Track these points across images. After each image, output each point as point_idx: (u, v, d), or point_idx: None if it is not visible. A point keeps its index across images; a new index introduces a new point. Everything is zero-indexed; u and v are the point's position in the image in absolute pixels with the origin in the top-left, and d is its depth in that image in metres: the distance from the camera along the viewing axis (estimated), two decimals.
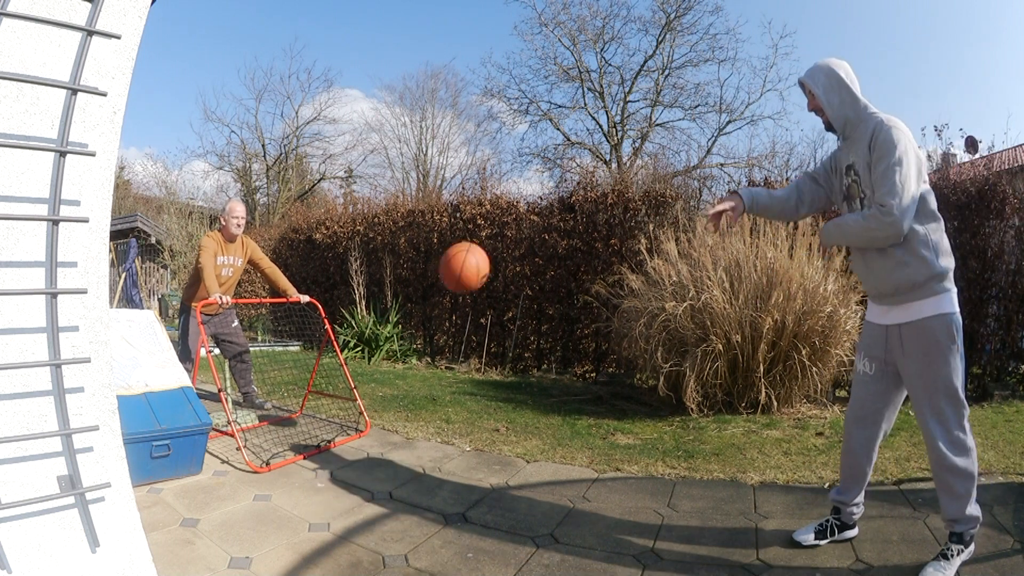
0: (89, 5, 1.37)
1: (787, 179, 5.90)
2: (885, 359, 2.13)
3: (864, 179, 2.02)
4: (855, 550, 2.25)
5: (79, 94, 1.37)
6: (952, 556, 2.01)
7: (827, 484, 2.94)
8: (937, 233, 1.99)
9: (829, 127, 2.15)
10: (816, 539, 2.28)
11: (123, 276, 10.74)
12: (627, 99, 20.42)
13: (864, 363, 2.21)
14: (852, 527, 2.32)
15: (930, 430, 2.01)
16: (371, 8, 35.14)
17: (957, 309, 2.00)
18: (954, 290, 2.01)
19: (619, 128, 20.44)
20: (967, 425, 2.00)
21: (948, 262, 1.99)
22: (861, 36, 28.69)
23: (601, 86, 20.38)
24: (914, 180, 1.90)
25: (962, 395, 2.00)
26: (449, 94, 29.81)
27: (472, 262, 3.27)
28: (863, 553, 2.23)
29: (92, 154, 1.40)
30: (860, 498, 2.29)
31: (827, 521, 2.31)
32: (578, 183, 7.04)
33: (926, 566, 2.02)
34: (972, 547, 2.05)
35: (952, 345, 1.96)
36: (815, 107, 2.15)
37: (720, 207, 2.25)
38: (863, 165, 2.01)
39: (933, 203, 2.00)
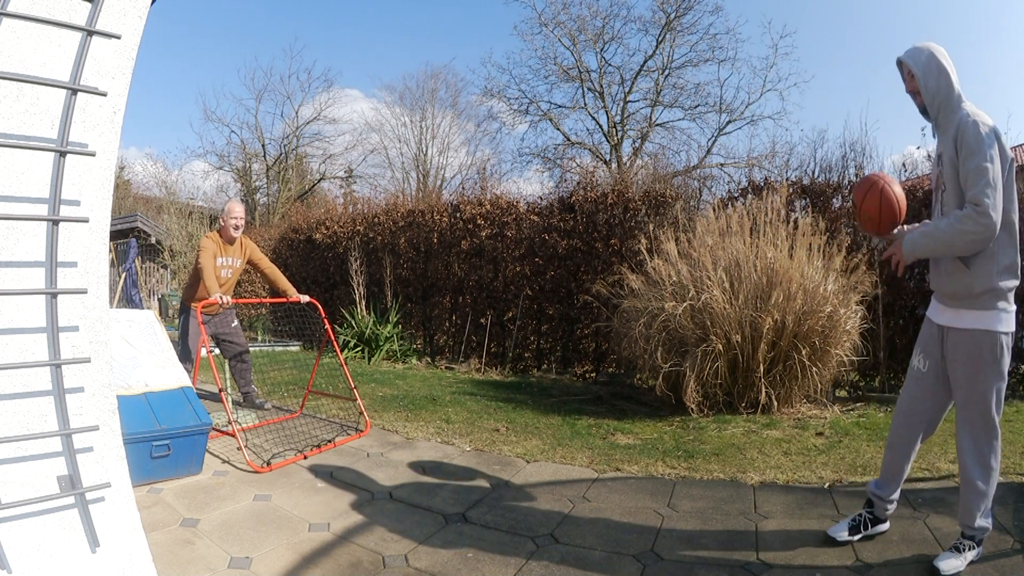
0: (89, 5, 1.37)
1: (787, 179, 5.89)
2: (939, 358, 2.12)
3: (947, 174, 1.99)
4: (855, 550, 2.25)
5: (79, 94, 1.37)
6: (964, 551, 2.07)
7: (827, 484, 2.94)
8: (1008, 246, 1.95)
9: (924, 111, 2.08)
10: (850, 535, 2.28)
11: (123, 276, 10.74)
12: (627, 99, 20.44)
13: (919, 359, 2.20)
14: (884, 521, 2.34)
15: (961, 439, 2.05)
16: (371, 8, 35.14)
17: (1011, 330, 1.96)
18: (1012, 309, 1.97)
19: (619, 128, 20.45)
20: (997, 446, 2.02)
21: (1009, 280, 1.95)
22: (861, 36, 28.70)
23: (601, 86, 20.40)
24: (1002, 178, 1.88)
25: (995, 416, 1.99)
26: (449, 94, 29.81)
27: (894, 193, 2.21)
28: (863, 553, 2.23)
29: (92, 154, 1.40)
30: (896, 495, 2.30)
31: (860, 515, 2.32)
32: (578, 183, 7.05)
33: (940, 556, 2.08)
34: (982, 548, 2.11)
35: (994, 364, 1.95)
36: (912, 89, 2.08)
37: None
38: (948, 160, 1.98)
39: (1015, 212, 1.95)
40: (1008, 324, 1.97)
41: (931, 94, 2.00)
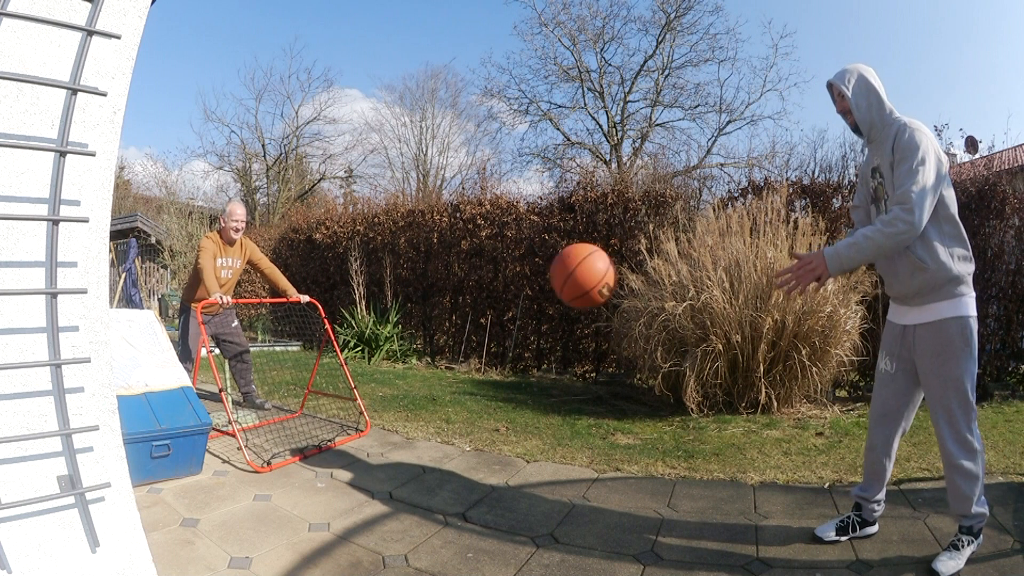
0: (89, 5, 1.37)
1: (787, 179, 5.89)
2: (905, 358, 2.18)
3: (888, 180, 2.07)
4: (855, 549, 2.25)
5: (79, 94, 1.37)
6: (962, 546, 2.08)
7: (827, 484, 2.94)
8: (956, 238, 2.03)
9: (856, 130, 2.17)
10: (837, 535, 2.31)
11: (123, 276, 10.73)
12: (627, 99, 20.43)
13: (886, 362, 2.26)
14: (873, 524, 2.36)
15: (940, 429, 2.08)
16: (371, 8, 35.16)
17: (974, 313, 2.04)
18: (972, 295, 2.06)
19: (619, 128, 20.44)
20: (975, 427, 2.05)
21: (966, 267, 2.04)
22: (861, 36, 28.71)
23: (601, 86, 20.39)
24: (933, 179, 1.94)
25: (972, 398, 2.04)
26: (449, 94, 29.85)
27: (598, 265, 2.57)
28: (863, 553, 2.23)
29: (92, 154, 1.40)
30: (881, 495, 2.33)
31: (848, 518, 2.35)
32: (578, 183, 7.04)
33: (938, 555, 2.09)
34: (981, 538, 2.12)
35: (965, 348, 2.01)
36: (843, 109, 2.18)
37: (810, 284, 2.08)
38: (887, 167, 2.06)
39: (953, 207, 2.03)
40: (972, 308, 2.04)
41: (863, 112, 2.11)
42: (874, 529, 2.36)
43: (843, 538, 2.31)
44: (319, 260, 9.06)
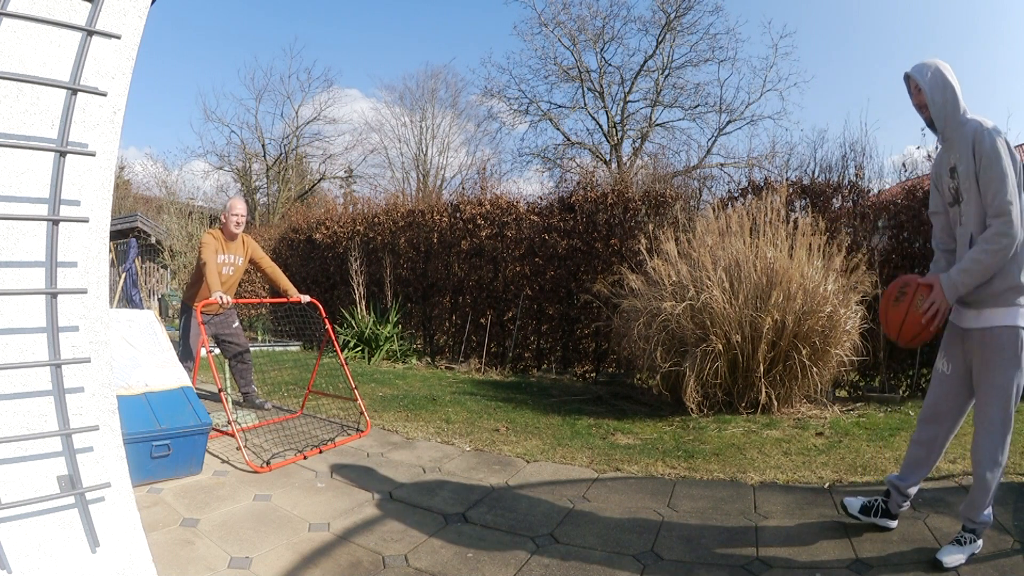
0: (89, 5, 1.37)
1: (787, 179, 5.89)
2: (961, 360, 2.18)
3: (963, 183, 2.06)
4: (855, 549, 2.25)
5: (79, 94, 1.37)
6: (965, 543, 2.12)
7: (827, 484, 2.94)
8: (1022, 247, 2.03)
9: (930, 124, 2.15)
10: (860, 512, 2.37)
11: (123, 276, 10.73)
12: (627, 99, 20.41)
13: (943, 363, 2.26)
14: (894, 518, 2.39)
15: (978, 436, 2.10)
16: (371, 8, 35.11)
17: None
18: None
19: (619, 128, 20.43)
20: (1007, 441, 2.07)
21: None
22: (861, 36, 28.69)
23: (601, 86, 20.37)
24: (1018, 185, 1.96)
25: (1012, 409, 2.04)
26: (449, 94, 29.79)
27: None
28: (863, 552, 2.23)
29: (92, 154, 1.40)
30: (914, 490, 2.35)
31: (876, 500, 2.39)
32: (578, 183, 7.05)
33: (942, 548, 2.13)
34: (981, 541, 2.15)
35: (1014, 358, 2.01)
36: (920, 103, 2.16)
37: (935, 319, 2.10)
38: (964, 170, 2.05)
39: None
40: None
41: (938, 108, 2.08)
42: (893, 524, 2.39)
43: (863, 518, 2.37)
44: (319, 260, 9.06)
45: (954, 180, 2.12)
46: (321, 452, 3.57)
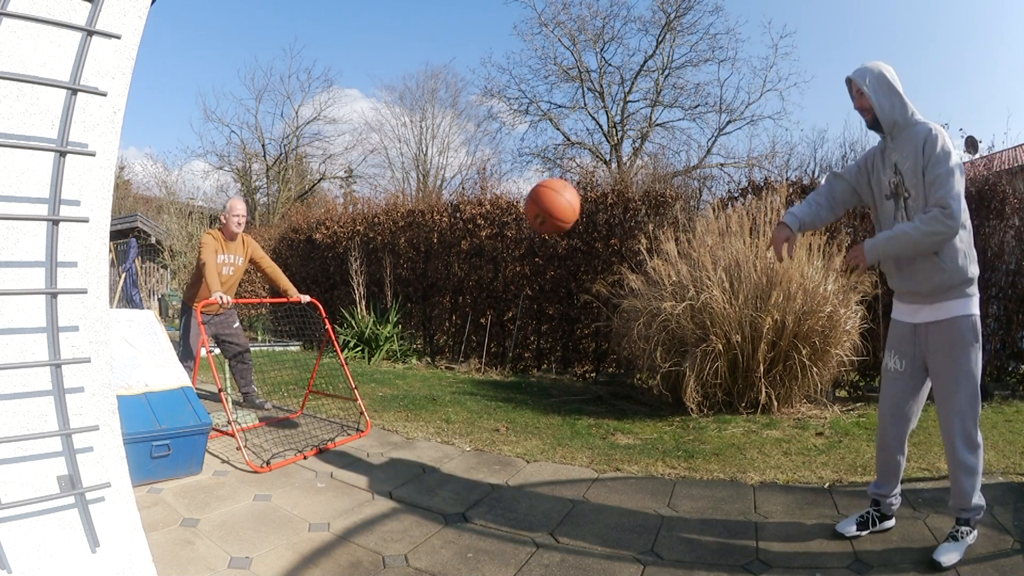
0: (89, 5, 1.37)
1: (787, 179, 5.89)
2: (915, 356, 2.24)
3: (908, 180, 2.13)
4: (855, 549, 2.25)
5: (79, 94, 1.37)
6: (961, 537, 2.14)
7: (827, 484, 2.94)
8: (969, 242, 2.13)
9: (873, 126, 2.22)
10: (858, 530, 2.36)
11: (123, 276, 10.73)
12: (627, 99, 20.42)
13: (894, 361, 2.31)
14: (890, 518, 2.40)
15: (950, 425, 2.14)
16: (371, 8, 35.13)
17: (979, 312, 2.16)
18: (978, 295, 2.17)
19: (619, 128, 20.43)
20: (977, 420, 2.13)
21: (976, 269, 2.15)
22: (861, 36, 28.69)
23: (601, 86, 20.38)
24: (963, 186, 2.05)
25: (978, 390, 2.12)
26: (449, 94, 29.81)
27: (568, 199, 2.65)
28: (863, 553, 2.23)
29: (92, 154, 1.40)
30: (897, 490, 2.38)
31: (868, 513, 2.40)
32: (578, 183, 7.04)
33: (938, 547, 2.14)
34: (976, 531, 2.18)
35: (975, 343, 2.11)
36: (862, 106, 2.22)
37: (781, 246, 2.34)
38: (911, 167, 2.11)
39: (967, 213, 2.12)
40: (977, 306, 2.16)
41: (885, 111, 2.16)
42: (891, 523, 2.41)
43: (863, 533, 2.36)
44: (319, 260, 9.06)
45: (897, 176, 2.18)
46: (321, 452, 3.57)
